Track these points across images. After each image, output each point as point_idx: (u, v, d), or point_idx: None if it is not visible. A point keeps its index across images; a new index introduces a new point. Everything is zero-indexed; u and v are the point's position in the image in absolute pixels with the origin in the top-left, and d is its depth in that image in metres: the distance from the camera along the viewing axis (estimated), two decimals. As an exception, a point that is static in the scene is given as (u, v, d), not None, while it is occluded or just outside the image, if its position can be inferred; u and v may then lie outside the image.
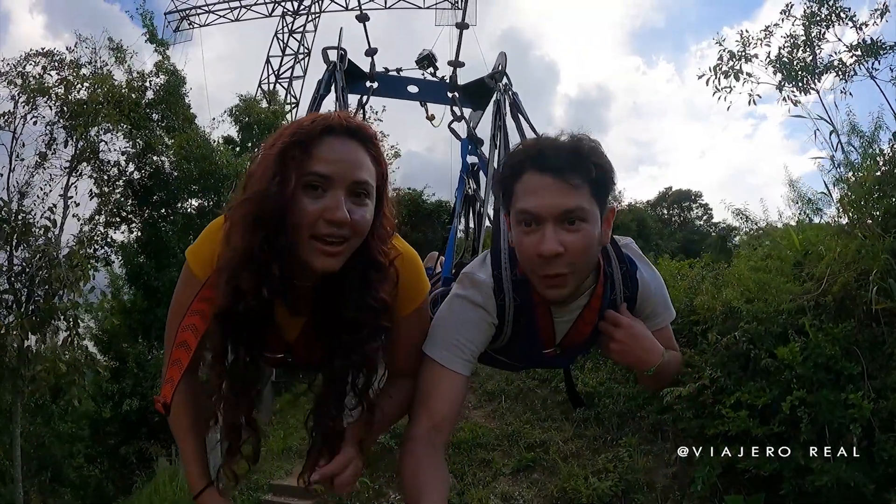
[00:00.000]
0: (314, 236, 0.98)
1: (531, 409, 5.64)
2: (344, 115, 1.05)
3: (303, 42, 17.81)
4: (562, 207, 1.11)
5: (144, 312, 9.58)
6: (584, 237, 1.13)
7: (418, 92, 2.84)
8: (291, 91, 17.40)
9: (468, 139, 2.57)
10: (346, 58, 2.47)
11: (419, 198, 16.46)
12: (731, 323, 4.21)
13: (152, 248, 9.40)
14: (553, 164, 1.12)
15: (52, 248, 6.05)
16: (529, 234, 1.14)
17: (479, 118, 2.78)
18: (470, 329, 1.24)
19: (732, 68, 6.72)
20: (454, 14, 16.68)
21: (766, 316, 3.79)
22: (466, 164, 2.51)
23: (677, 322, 5.09)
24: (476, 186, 2.57)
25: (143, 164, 9.43)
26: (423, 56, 2.94)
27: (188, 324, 1.09)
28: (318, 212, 0.97)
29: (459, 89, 2.82)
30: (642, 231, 24.66)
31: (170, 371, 1.11)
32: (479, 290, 1.25)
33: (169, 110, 9.49)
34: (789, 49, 6.15)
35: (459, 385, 1.22)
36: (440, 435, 1.16)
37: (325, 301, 1.09)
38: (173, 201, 9.66)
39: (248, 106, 10.95)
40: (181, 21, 18.68)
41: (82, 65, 8.63)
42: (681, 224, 30.31)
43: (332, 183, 0.98)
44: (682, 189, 31.72)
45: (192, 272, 1.12)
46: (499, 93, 2.27)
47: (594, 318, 1.31)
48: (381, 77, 2.75)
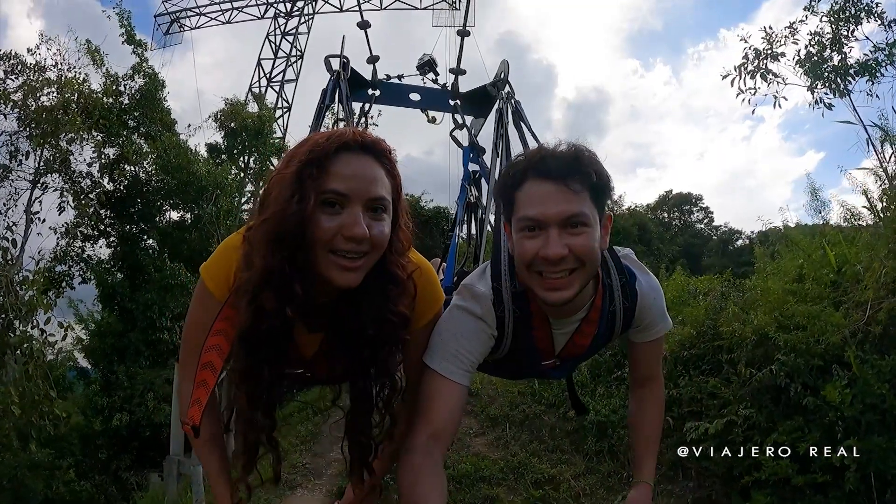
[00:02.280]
0: (333, 251, 0.98)
1: (538, 437, 5.23)
2: (358, 132, 1.05)
3: (295, 44, 17.34)
4: (565, 213, 1.12)
5: (119, 336, 8.82)
6: (586, 239, 1.14)
7: (420, 100, 2.87)
8: (283, 95, 16.90)
9: (470, 147, 2.57)
10: (350, 66, 2.49)
11: (417, 204, 16.13)
12: (761, 350, 3.82)
13: (127, 266, 8.81)
14: (555, 170, 1.13)
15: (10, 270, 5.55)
16: (532, 238, 1.15)
17: (480, 126, 2.81)
18: (470, 340, 1.24)
19: (758, 67, 6.31)
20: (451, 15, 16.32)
21: (806, 347, 3.39)
22: (468, 172, 2.51)
23: (699, 347, 4.72)
24: (478, 194, 2.56)
25: (118, 174, 8.79)
26: (423, 62, 2.95)
27: (212, 344, 1.08)
28: (335, 228, 0.97)
29: (461, 97, 2.83)
30: (643, 236, 24.36)
31: (196, 392, 1.11)
32: (479, 301, 1.25)
33: (145, 116, 8.85)
34: (819, 48, 5.74)
35: (459, 395, 1.22)
36: (439, 445, 1.16)
37: (343, 317, 1.10)
38: (149, 215, 9.08)
39: (235, 110, 10.21)
40: (171, 24, 18.24)
41: (46, 68, 7.96)
42: (681, 228, 29.99)
43: (349, 200, 0.99)
44: (682, 192, 31.46)
45: (208, 291, 1.11)
46: (501, 101, 2.29)
47: (593, 330, 1.31)
48: (384, 85, 2.79)
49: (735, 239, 27.98)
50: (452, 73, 2.88)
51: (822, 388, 3.33)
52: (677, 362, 4.56)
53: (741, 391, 3.81)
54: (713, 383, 4.16)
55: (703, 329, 4.48)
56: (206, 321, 1.10)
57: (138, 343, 8.36)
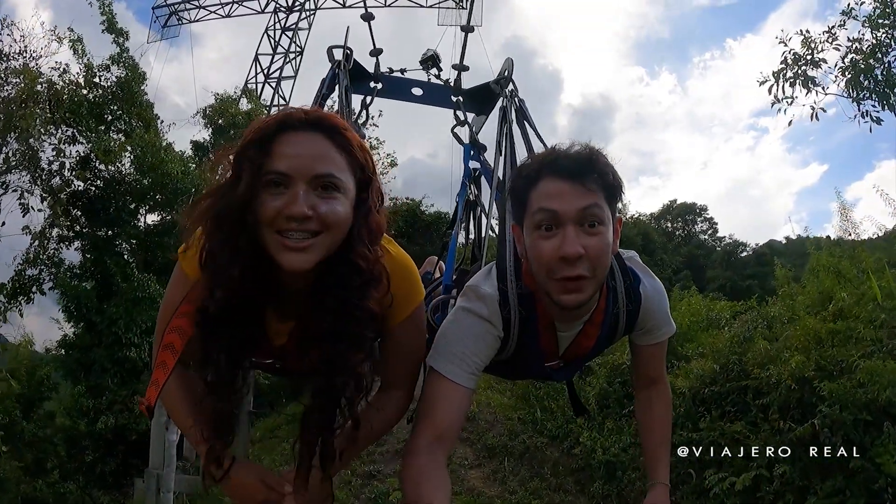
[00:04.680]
0: (279, 232, 0.95)
1: (539, 474, 4.80)
2: (304, 108, 1.02)
3: (295, 40, 16.82)
4: (582, 205, 1.11)
5: (84, 350, 8.08)
6: (602, 240, 1.12)
7: (422, 95, 2.81)
8: (280, 92, 16.37)
9: (471, 144, 2.52)
10: (352, 57, 2.43)
11: (417, 208, 15.68)
12: (796, 395, 3.39)
13: (97, 274, 8.06)
14: (570, 169, 1.13)
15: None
16: (549, 238, 1.13)
17: (482, 123, 2.74)
18: (476, 342, 1.23)
19: (797, 75, 5.75)
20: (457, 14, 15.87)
21: (853, 399, 2.97)
22: (469, 169, 2.46)
23: (722, 384, 4.28)
24: (478, 192, 2.52)
25: (90, 173, 8.08)
26: (427, 56, 2.90)
27: (175, 326, 1.07)
28: (278, 207, 0.94)
29: (464, 93, 2.77)
30: (647, 245, 23.93)
31: (155, 373, 1.08)
32: (485, 303, 1.24)
33: (122, 110, 8.16)
34: (863, 55, 5.27)
35: (463, 398, 1.20)
36: (443, 447, 1.15)
37: (310, 306, 1.04)
38: (119, 218, 8.29)
39: (224, 106, 9.55)
40: (170, 16, 17.78)
41: (9, 56, 7.23)
42: (685, 238, 29.54)
43: (291, 179, 0.95)
44: (686, 202, 31.01)
45: (182, 271, 1.10)
46: (505, 99, 2.24)
47: (597, 332, 1.32)
48: (386, 78, 2.73)
49: (740, 251, 27.48)
50: (455, 70, 2.81)
51: (870, 448, 2.91)
52: (696, 400, 4.13)
53: (773, 440, 3.38)
54: (738, 428, 3.73)
55: (727, 364, 4.04)
56: (176, 301, 1.09)
57: (103, 360, 7.83)
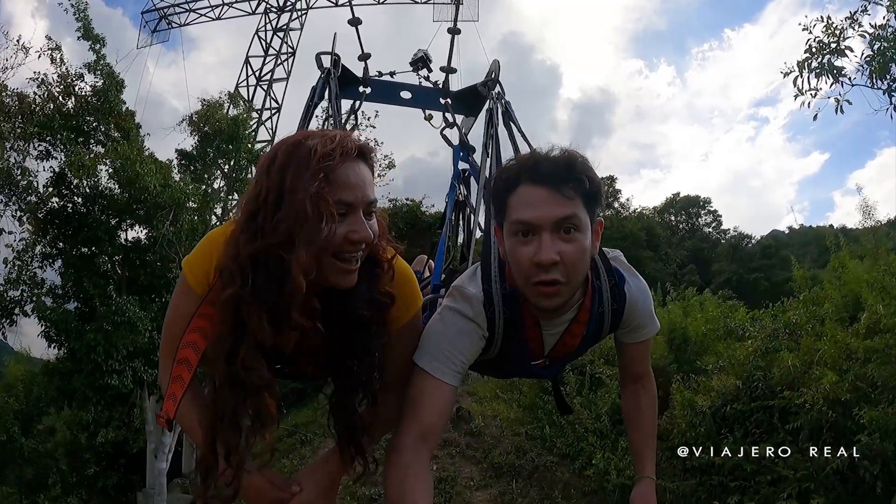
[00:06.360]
0: (337, 257, 1.02)
1: (549, 496, 4.53)
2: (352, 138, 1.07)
3: (286, 41, 16.47)
4: (558, 216, 1.13)
5: (65, 377, 7.70)
6: (578, 247, 1.15)
7: (411, 98, 2.84)
8: (272, 94, 16.01)
9: (460, 146, 2.55)
10: (340, 63, 2.47)
11: (417, 209, 15.38)
12: (829, 418, 3.12)
13: (76, 295, 7.74)
14: (548, 176, 1.14)
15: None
16: (525, 244, 1.15)
17: (471, 125, 2.78)
18: (461, 341, 1.25)
19: (823, 65, 5.40)
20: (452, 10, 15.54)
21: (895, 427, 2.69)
22: (458, 170, 2.50)
23: (745, 402, 4.02)
24: (467, 193, 2.55)
25: (65, 189, 7.76)
26: (417, 58, 2.95)
27: (189, 341, 1.11)
28: (343, 234, 1.01)
29: (452, 96, 2.81)
30: (651, 240, 23.61)
31: (172, 387, 1.13)
32: (470, 303, 1.26)
33: (97, 121, 7.80)
34: (891, 42, 4.95)
35: (448, 395, 1.23)
36: (427, 444, 1.17)
37: (328, 309, 1.09)
38: (97, 236, 7.86)
39: (210, 112, 9.04)
40: (160, 21, 17.44)
41: None
42: (689, 231, 29.20)
43: (353, 208, 1.03)
44: (689, 195, 30.66)
45: (188, 285, 1.12)
46: (491, 101, 2.27)
47: (582, 331, 1.33)
48: (374, 82, 2.76)
49: (745, 244, 27.10)
50: (444, 72, 2.90)
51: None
52: (717, 418, 3.86)
53: (804, 466, 3.11)
54: (762, 448, 3.46)
55: (750, 379, 3.77)
56: (184, 315, 1.11)
57: (85, 388, 7.55)
